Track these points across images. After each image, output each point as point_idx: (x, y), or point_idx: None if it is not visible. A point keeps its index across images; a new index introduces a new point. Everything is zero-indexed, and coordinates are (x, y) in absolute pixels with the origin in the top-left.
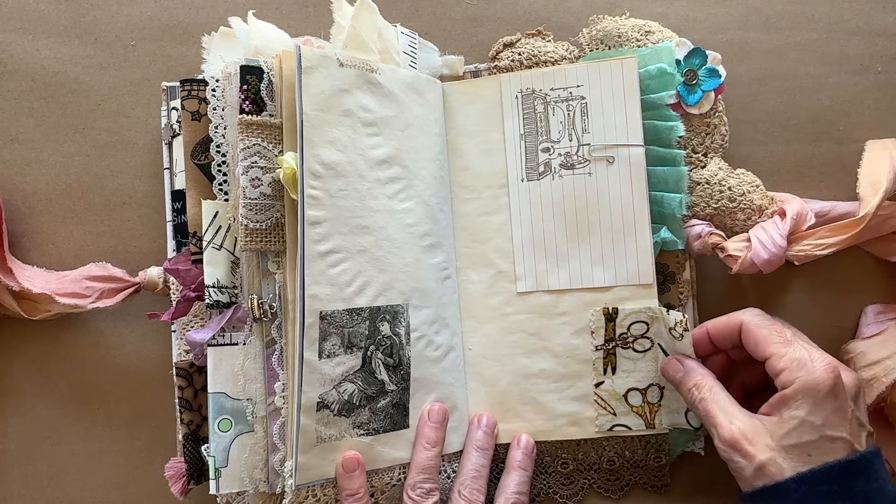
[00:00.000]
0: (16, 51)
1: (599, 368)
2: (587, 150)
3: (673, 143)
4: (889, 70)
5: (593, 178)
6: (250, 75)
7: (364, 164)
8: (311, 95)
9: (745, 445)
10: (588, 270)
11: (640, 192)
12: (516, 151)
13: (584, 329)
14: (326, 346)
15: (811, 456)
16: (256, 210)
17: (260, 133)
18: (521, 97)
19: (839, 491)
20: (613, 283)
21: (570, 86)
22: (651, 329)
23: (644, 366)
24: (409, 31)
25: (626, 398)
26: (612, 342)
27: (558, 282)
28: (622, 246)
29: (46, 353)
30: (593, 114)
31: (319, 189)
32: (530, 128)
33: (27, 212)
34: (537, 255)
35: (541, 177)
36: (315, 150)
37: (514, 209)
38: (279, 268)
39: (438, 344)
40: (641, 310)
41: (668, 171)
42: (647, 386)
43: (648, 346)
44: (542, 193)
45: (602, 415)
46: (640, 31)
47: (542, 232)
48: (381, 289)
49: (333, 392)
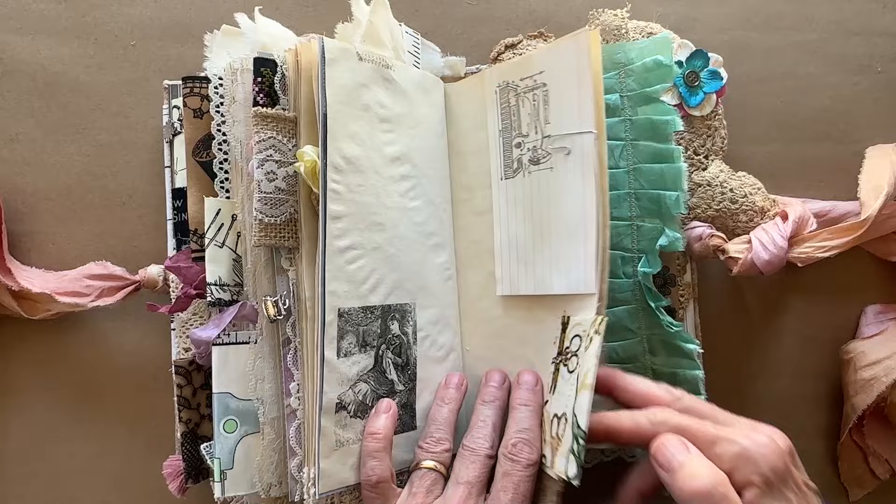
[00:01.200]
0: (16, 51)
1: (549, 384)
2: (548, 142)
3: (670, 137)
4: (889, 70)
5: (554, 172)
6: (265, 67)
7: (380, 160)
8: (334, 88)
9: None
10: (548, 276)
11: (590, 187)
12: (496, 149)
13: (551, 341)
14: (343, 345)
15: None
16: (271, 204)
17: (275, 126)
18: (498, 91)
19: None
20: (567, 290)
21: (535, 73)
22: (582, 344)
23: (567, 388)
24: (413, 30)
25: (552, 424)
26: (560, 356)
27: (527, 286)
28: (574, 249)
29: (46, 353)
30: (553, 101)
31: (340, 183)
32: (506, 123)
33: (27, 212)
34: (511, 258)
35: (515, 174)
36: (337, 144)
37: (496, 209)
38: (292, 265)
39: (441, 344)
40: (581, 322)
41: (666, 168)
42: (562, 414)
43: (575, 366)
44: (516, 192)
45: (544, 440)
46: (643, 33)
47: (515, 233)
48: (393, 287)
49: (350, 392)
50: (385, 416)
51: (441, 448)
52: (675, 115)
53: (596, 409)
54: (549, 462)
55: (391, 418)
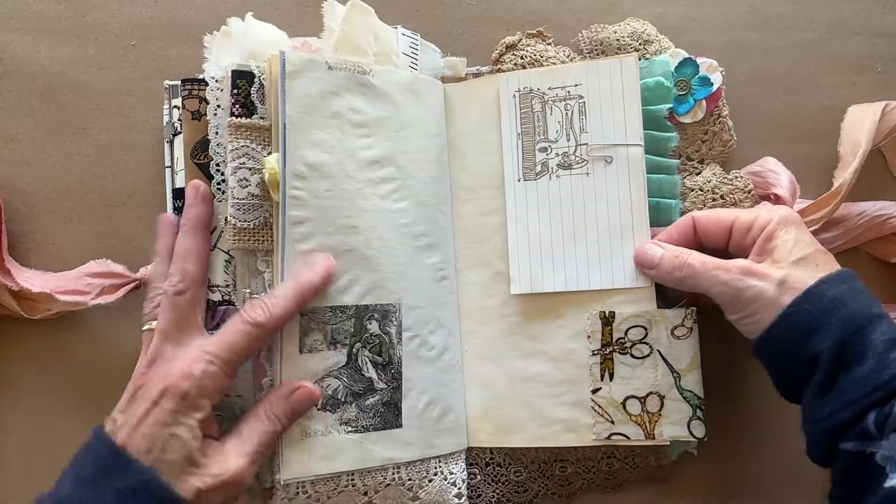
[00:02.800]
0: (16, 51)
1: (596, 374)
2: (585, 150)
3: (668, 153)
4: (889, 70)
5: (591, 178)
6: (240, 79)
7: (354, 164)
8: (295, 99)
9: (759, 268)
10: (584, 273)
11: (639, 192)
12: (513, 151)
13: (580, 333)
14: (308, 341)
15: (819, 266)
16: (245, 210)
17: (249, 135)
18: (518, 96)
19: (857, 290)
20: (610, 285)
21: (569, 85)
22: (650, 334)
23: (643, 373)
24: (411, 32)
25: (625, 406)
26: (609, 347)
27: (553, 284)
28: (619, 248)
29: (46, 352)
30: (591, 113)
31: (303, 189)
32: (527, 127)
33: (27, 212)
34: (532, 257)
35: (538, 177)
36: (299, 152)
37: (511, 210)
38: (268, 266)
39: (433, 344)
40: (639, 313)
41: (664, 180)
42: (646, 394)
43: (647, 353)
44: (539, 194)
45: (599, 422)
46: (639, 41)
47: (537, 233)
48: (370, 287)
49: (316, 386)
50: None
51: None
52: (675, 132)
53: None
54: (638, 436)
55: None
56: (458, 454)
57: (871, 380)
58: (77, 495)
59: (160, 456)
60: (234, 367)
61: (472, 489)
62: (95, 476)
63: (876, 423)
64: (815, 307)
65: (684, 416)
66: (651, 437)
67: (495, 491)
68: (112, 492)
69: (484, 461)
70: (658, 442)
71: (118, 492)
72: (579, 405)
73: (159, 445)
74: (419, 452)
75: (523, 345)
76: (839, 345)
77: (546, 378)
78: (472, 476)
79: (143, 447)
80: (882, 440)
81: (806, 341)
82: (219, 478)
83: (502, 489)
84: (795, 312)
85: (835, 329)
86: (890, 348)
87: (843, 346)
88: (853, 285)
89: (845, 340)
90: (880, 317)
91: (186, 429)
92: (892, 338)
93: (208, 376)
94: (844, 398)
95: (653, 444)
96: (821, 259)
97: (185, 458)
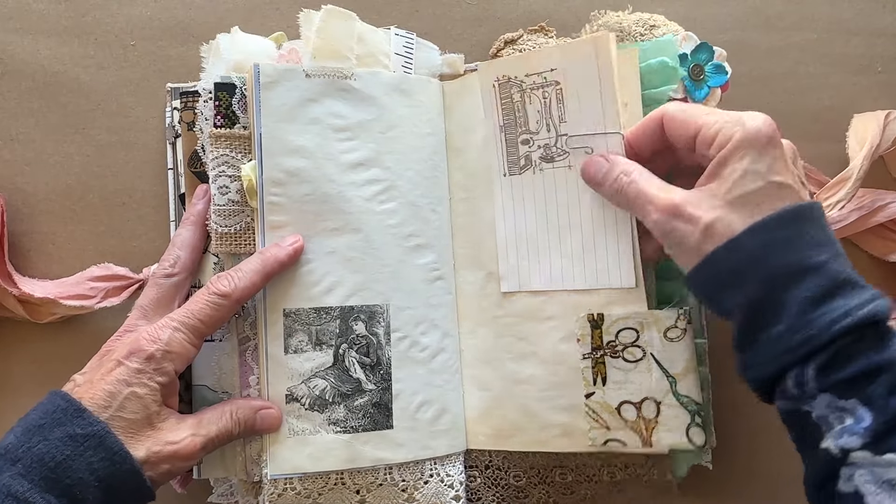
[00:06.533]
0: (16, 51)
1: (589, 378)
2: (565, 141)
3: None
4: (889, 70)
5: (573, 171)
6: (221, 91)
7: (335, 168)
8: (272, 109)
9: (688, 209)
10: (569, 271)
11: None
12: (497, 145)
13: (571, 335)
14: (293, 342)
15: (761, 206)
16: (225, 215)
17: (228, 144)
18: (497, 86)
19: (793, 237)
20: (595, 285)
21: (544, 70)
22: (641, 336)
23: (637, 377)
24: (406, 31)
25: (619, 412)
26: (600, 351)
27: (540, 282)
28: (603, 246)
29: (47, 353)
30: (569, 100)
31: (282, 196)
32: (509, 119)
33: (27, 212)
34: (520, 254)
35: (522, 171)
36: (276, 160)
37: (498, 206)
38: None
39: (425, 345)
40: (629, 315)
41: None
42: (641, 399)
43: (640, 356)
44: (524, 189)
45: (595, 428)
46: (645, 26)
47: (524, 229)
48: (355, 289)
49: (303, 386)
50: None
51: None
52: None
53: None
54: (635, 443)
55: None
56: (455, 456)
57: (784, 341)
58: (24, 441)
59: (117, 413)
60: (200, 335)
61: (472, 492)
62: (46, 423)
63: (797, 385)
64: (730, 260)
65: (682, 423)
66: (649, 444)
67: (495, 495)
68: (61, 436)
69: (483, 464)
70: (656, 450)
71: (69, 437)
72: (574, 409)
73: (118, 402)
74: (413, 454)
75: (515, 346)
76: (753, 303)
77: (538, 381)
78: (471, 479)
79: (102, 403)
80: (813, 400)
81: (719, 296)
82: (172, 446)
83: (502, 493)
84: (711, 263)
85: (750, 286)
86: (809, 307)
87: (757, 304)
88: (790, 231)
89: (760, 299)
90: (815, 268)
91: (148, 390)
92: (815, 294)
93: (175, 341)
94: (760, 356)
95: (650, 452)
96: (768, 196)
97: (143, 419)
